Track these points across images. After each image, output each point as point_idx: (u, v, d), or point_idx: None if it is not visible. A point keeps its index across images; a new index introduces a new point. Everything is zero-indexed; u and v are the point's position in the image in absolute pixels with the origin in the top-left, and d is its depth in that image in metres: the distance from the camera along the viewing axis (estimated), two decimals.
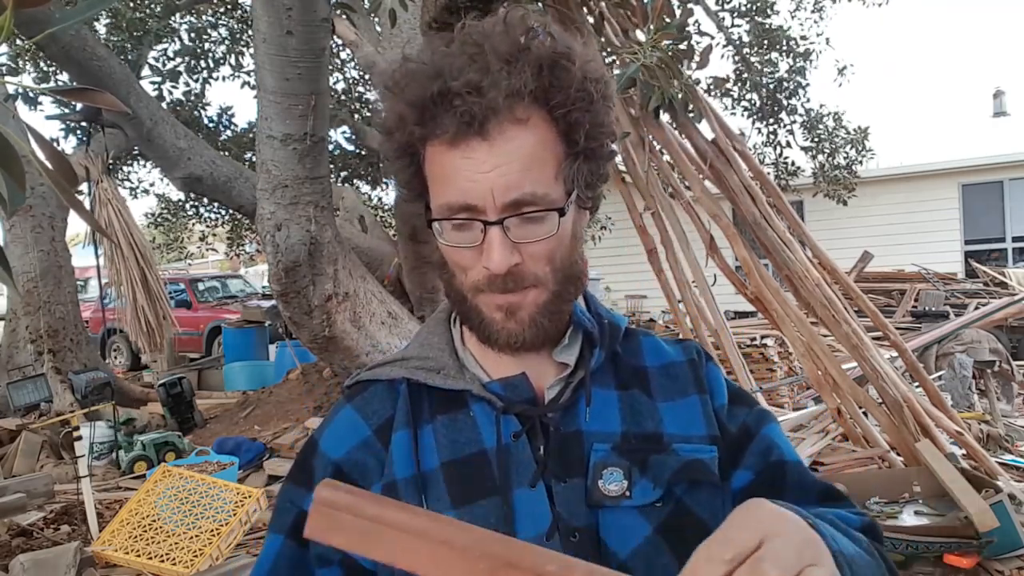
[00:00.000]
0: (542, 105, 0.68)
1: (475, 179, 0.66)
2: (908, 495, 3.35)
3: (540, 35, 0.69)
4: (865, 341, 3.70)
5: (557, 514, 0.70)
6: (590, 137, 0.69)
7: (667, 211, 3.97)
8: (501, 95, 0.65)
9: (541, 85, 0.66)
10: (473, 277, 0.71)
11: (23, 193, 0.79)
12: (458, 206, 0.68)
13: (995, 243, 11.42)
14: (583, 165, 0.71)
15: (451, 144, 0.67)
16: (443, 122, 0.66)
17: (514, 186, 0.66)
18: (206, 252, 13.82)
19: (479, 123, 0.65)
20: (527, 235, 0.68)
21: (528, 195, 0.67)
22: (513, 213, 0.67)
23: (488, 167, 0.66)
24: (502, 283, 0.69)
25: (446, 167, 0.68)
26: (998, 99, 15.41)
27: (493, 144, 0.66)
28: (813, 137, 9.40)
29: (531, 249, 0.69)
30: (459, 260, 0.71)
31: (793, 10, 8.70)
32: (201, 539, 3.36)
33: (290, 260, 3.30)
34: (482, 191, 0.66)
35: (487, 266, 0.68)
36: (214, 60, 7.99)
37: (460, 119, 0.65)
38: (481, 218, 0.67)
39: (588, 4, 3.87)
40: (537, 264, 0.70)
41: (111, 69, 4.37)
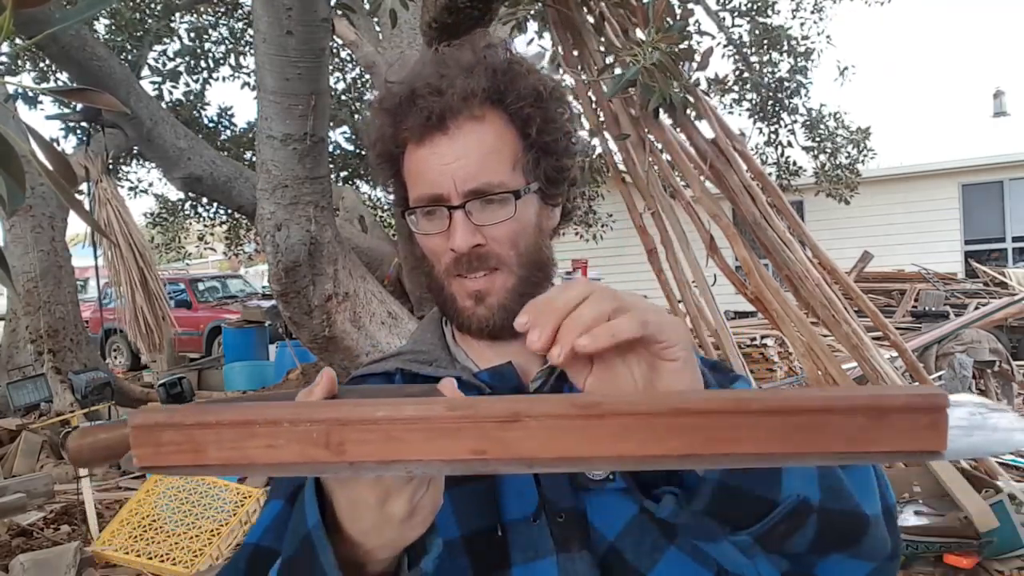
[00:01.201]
0: (497, 104, 0.76)
1: (439, 171, 0.75)
2: (908, 495, 3.35)
3: (498, 49, 0.79)
4: (865, 341, 3.70)
5: (544, 495, 0.73)
6: (543, 131, 0.77)
7: (667, 211, 3.97)
8: (458, 95, 0.74)
9: (495, 86, 0.75)
10: (444, 262, 0.78)
11: (23, 193, 0.79)
12: (427, 197, 0.76)
13: (995, 243, 11.43)
14: (542, 159, 0.78)
15: (418, 143, 0.76)
16: (410, 121, 0.75)
17: (473, 175, 0.74)
18: (205, 252, 13.82)
19: (438, 119, 0.74)
20: (488, 218, 0.75)
21: (485, 184, 0.74)
22: (473, 198, 0.74)
23: (450, 159, 0.74)
24: (467, 263, 0.76)
25: (418, 165, 0.77)
26: (998, 99, 15.41)
27: (453, 139, 0.75)
28: (814, 137, 9.40)
29: (493, 232, 0.76)
30: (432, 248, 0.78)
31: (794, 9, 8.69)
32: (201, 539, 3.36)
33: (290, 260, 3.30)
34: (446, 181, 0.74)
35: (452, 247, 0.75)
36: (214, 60, 7.99)
37: (423, 116, 0.74)
38: (446, 204, 0.75)
39: (588, 4, 3.88)
40: (501, 246, 0.76)
41: (111, 69, 4.37)
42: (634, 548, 0.72)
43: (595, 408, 0.43)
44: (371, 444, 0.44)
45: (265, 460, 0.44)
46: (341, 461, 0.44)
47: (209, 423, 0.45)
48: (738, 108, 9.20)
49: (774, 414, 0.42)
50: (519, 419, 0.43)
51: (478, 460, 0.44)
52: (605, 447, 0.43)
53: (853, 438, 0.41)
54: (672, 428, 0.42)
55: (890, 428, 0.41)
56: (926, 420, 0.41)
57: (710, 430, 0.42)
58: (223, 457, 0.44)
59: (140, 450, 0.45)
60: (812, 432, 0.41)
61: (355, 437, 0.44)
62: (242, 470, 0.45)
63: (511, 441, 0.43)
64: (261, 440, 0.44)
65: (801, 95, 9.01)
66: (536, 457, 0.43)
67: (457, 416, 0.43)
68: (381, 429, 0.44)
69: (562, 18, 3.86)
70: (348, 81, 8.97)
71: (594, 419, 0.43)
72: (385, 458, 0.44)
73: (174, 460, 0.45)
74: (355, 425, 0.44)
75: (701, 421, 0.42)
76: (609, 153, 4.23)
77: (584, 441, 0.43)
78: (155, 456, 0.45)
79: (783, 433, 0.42)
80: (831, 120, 9.28)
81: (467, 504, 0.74)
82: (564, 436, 0.43)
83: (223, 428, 0.44)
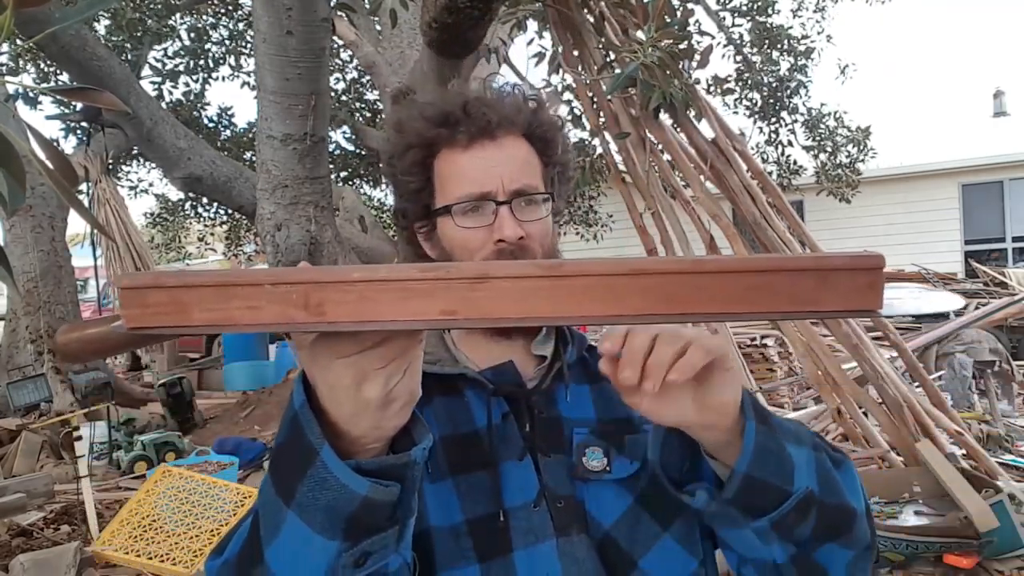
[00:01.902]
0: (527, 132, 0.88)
1: (488, 171, 0.84)
2: (908, 495, 3.35)
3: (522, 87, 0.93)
4: (865, 341, 3.70)
5: (544, 483, 0.80)
6: (562, 154, 0.91)
7: (667, 211, 3.97)
8: (508, 113, 0.86)
9: (530, 112, 0.89)
10: (482, 255, 0.84)
11: (23, 193, 0.79)
12: (475, 195, 0.84)
13: (995, 243, 11.42)
14: (557, 180, 0.92)
15: (465, 148, 0.85)
16: (463, 128, 0.85)
17: (517, 177, 0.85)
18: (205, 252, 13.82)
19: (495, 127, 0.85)
20: (527, 216, 0.85)
21: (527, 185, 0.85)
22: (517, 196, 0.84)
23: (498, 162, 0.85)
24: (510, 254, 0.83)
25: (462, 166, 0.86)
26: (998, 99, 15.41)
27: (501, 146, 0.86)
28: (814, 136, 9.39)
29: (530, 228, 0.85)
30: (470, 243, 0.85)
31: (795, 9, 8.69)
32: (201, 539, 3.36)
33: (290, 260, 3.30)
34: (493, 180, 0.84)
35: (502, 237, 0.82)
36: (214, 60, 7.99)
37: (478, 125, 0.85)
38: (494, 200, 0.84)
39: (588, 4, 3.87)
40: (534, 243, 0.85)
41: (111, 69, 4.37)
42: (628, 536, 0.79)
43: (559, 268, 0.45)
44: (347, 304, 0.45)
45: (247, 320, 0.46)
46: (319, 320, 0.46)
47: (193, 284, 0.46)
48: (739, 108, 9.20)
49: (727, 273, 0.44)
50: (487, 279, 0.45)
51: (449, 319, 0.45)
52: (568, 306, 0.45)
53: (800, 297, 0.44)
54: (631, 288, 0.45)
55: (833, 287, 0.44)
56: (865, 280, 0.45)
57: (667, 289, 0.44)
58: (206, 317, 0.46)
59: (128, 311, 0.47)
60: (763, 291, 0.44)
61: (332, 297, 0.45)
62: (224, 329, 0.47)
63: (479, 301, 0.45)
64: (243, 301, 0.46)
65: (801, 94, 9.01)
66: (503, 316, 0.45)
67: (428, 277, 0.45)
68: (357, 290, 0.45)
69: (562, 18, 3.86)
70: (348, 81, 8.96)
71: (558, 279, 0.45)
72: (361, 318, 0.46)
73: (160, 320, 0.46)
74: (333, 286, 0.45)
75: (659, 281, 0.45)
76: (609, 153, 4.23)
77: (549, 300, 0.45)
78: (142, 317, 0.47)
79: (736, 292, 0.44)
80: (831, 119, 9.28)
81: (470, 491, 0.79)
82: (530, 295, 0.45)
83: (206, 289, 0.46)
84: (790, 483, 0.68)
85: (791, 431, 0.72)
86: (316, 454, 0.56)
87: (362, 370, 0.54)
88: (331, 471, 0.56)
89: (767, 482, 0.68)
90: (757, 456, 0.66)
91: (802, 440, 0.72)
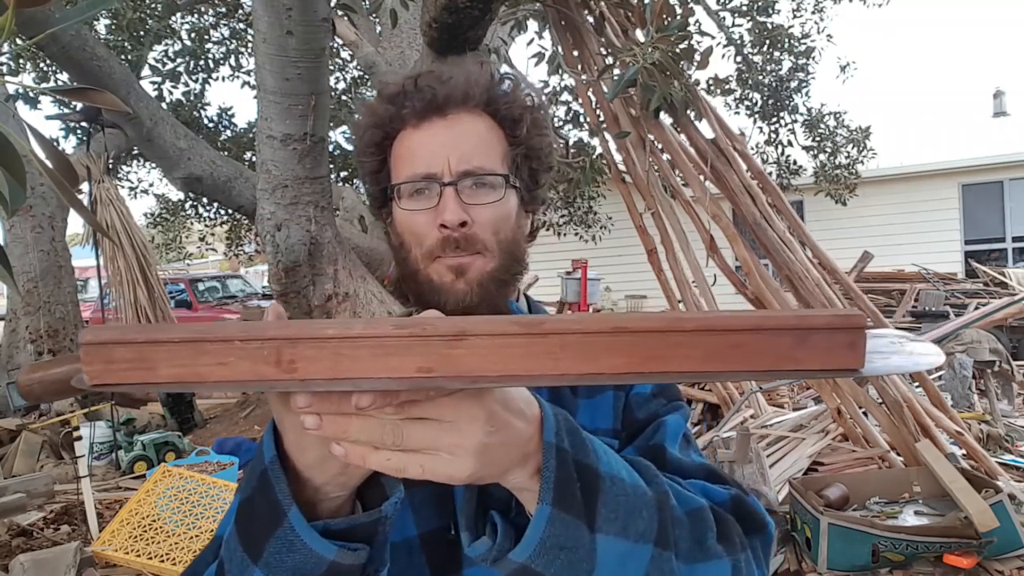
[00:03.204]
0: (491, 108, 0.81)
1: (435, 150, 0.78)
2: (908, 495, 3.35)
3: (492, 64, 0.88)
4: None
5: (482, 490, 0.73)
6: (530, 135, 0.82)
7: (667, 211, 3.97)
8: (460, 89, 0.79)
9: (492, 88, 0.81)
10: (427, 244, 0.78)
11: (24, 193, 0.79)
12: (420, 175, 0.78)
13: (995, 243, 11.42)
14: (524, 162, 0.83)
15: (416, 126, 0.80)
16: (411, 105, 0.79)
17: (467, 157, 0.78)
18: (205, 252, 13.82)
19: (442, 102, 0.79)
20: (477, 199, 0.78)
21: (478, 167, 0.78)
22: (466, 177, 0.78)
23: (445, 140, 0.78)
24: (455, 243, 0.77)
25: (412, 146, 0.80)
26: (998, 99, 15.41)
27: (451, 123, 0.79)
28: (814, 136, 9.39)
29: (479, 213, 0.78)
30: (415, 227, 0.79)
31: (795, 9, 8.69)
32: (201, 539, 3.36)
33: (290, 260, 3.30)
34: (440, 160, 0.77)
35: (442, 220, 0.76)
36: (214, 60, 7.98)
37: (425, 100, 0.79)
38: (437, 181, 0.77)
39: (588, 4, 3.87)
40: (484, 230, 0.78)
41: (111, 69, 4.37)
42: None
43: (537, 326, 0.44)
44: (320, 361, 0.44)
45: (216, 377, 0.45)
46: (291, 379, 0.44)
47: (160, 340, 0.45)
48: (739, 108, 9.19)
49: (707, 332, 0.44)
50: (465, 337, 0.44)
51: (425, 377, 0.44)
52: (547, 364, 0.44)
53: (780, 356, 0.44)
54: (611, 346, 0.44)
55: (814, 347, 0.44)
56: (846, 340, 0.44)
57: (647, 348, 0.44)
58: (174, 374, 0.45)
59: (91, 367, 0.45)
60: (743, 350, 0.44)
61: (305, 354, 0.44)
62: (193, 387, 0.46)
63: (457, 358, 0.44)
64: (212, 357, 0.44)
65: (802, 92, 9.01)
66: (481, 375, 0.44)
67: (404, 334, 0.44)
68: (330, 347, 0.44)
69: (562, 18, 3.86)
70: (348, 81, 8.96)
71: (536, 336, 0.44)
72: (334, 375, 0.44)
73: (125, 377, 0.45)
74: (305, 342, 0.44)
75: (639, 340, 0.44)
76: (609, 153, 4.23)
77: (527, 358, 0.44)
78: (105, 373, 0.45)
79: (715, 351, 0.44)
80: (831, 119, 9.28)
81: (423, 504, 0.75)
82: (508, 353, 0.44)
83: (174, 345, 0.45)
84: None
85: (628, 512, 0.58)
86: (284, 515, 0.55)
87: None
88: (298, 534, 0.55)
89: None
90: (541, 550, 0.55)
91: (639, 531, 0.59)
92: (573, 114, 6.86)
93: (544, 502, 0.54)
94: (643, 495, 0.61)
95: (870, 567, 2.89)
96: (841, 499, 3.23)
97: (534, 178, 0.85)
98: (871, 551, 2.87)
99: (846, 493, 3.27)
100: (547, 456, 0.55)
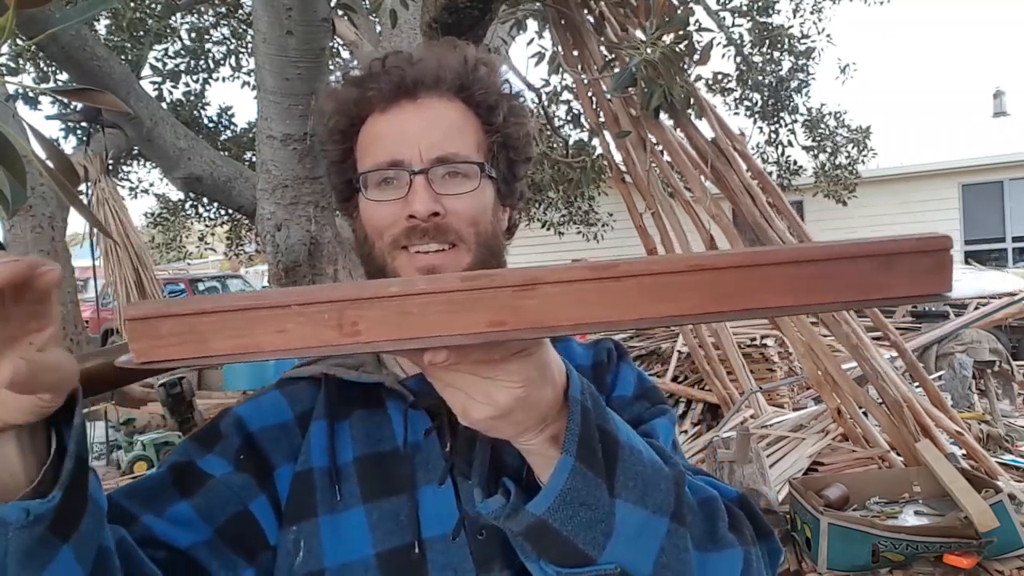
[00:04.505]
0: (464, 93, 0.75)
1: (404, 135, 0.72)
2: (908, 495, 3.35)
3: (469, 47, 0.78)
4: (865, 341, 3.70)
5: (464, 512, 0.69)
6: (506, 122, 0.76)
7: (667, 211, 3.97)
8: (431, 71, 0.73)
9: (465, 72, 0.75)
10: (393, 232, 0.71)
11: (24, 193, 0.79)
12: (387, 162, 0.72)
13: (995, 243, 11.42)
14: (501, 151, 0.76)
15: (383, 110, 0.73)
16: (378, 88, 0.73)
17: (439, 143, 0.71)
18: (205, 252, 13.82)
19: (411, 84, 0.72)
20: (450, 189, 0.72)
21: (451, 154, 0.72)
22: (438, 165, 0.71)
23: (416, 125, 0.72)
24: (423, 232, 0.70)
25: (379, 131, 0.73)
26: (998, 99, 15.41)
27: (421, 108, 0.73)
28: (814, 136, 9.39)
29: (453, 204, 0.71)
30: (380, 219, 0.73)
31: (794, 9, 8.69)
32: None
33: (290, 260, 3.30)
34: (409, 146, 0.71)
35: (410, 212, 0.69)
36: (214, 60, 7.99)
37: (393, 82, 0.72)
38: (408, 169, 0.71)
39: (588, 4, 3.88)
40: (460, 221, 0.71)
41: (111, 69, 4.37)
42: None
43: (612, 270, 0.42)
44: (385, 322, 0.42)
45: (275, 346, 0.42)
46: (355, 341, 0.42)
47: (212, 310, 0.42)
48: (739, 108, 9.19)
49: (789, 264, 0.42)
50: (536, 285, 0.42)
51: (496, 331, 0.42)
52: (624, 308, 0.42)
53: (866, 284, 0.42)
54: (688, 285, 0.42)
55: (898, 272, 0.42)
56: (931, 262, 0.42)
57: (726, 285, 0.42)
58: (229, 346, 0.42)
59: (138, 344, 0.42)
60: (827, 280, 0.42)
61: (368, 315, 0.42)
62: (249, 357, 0.42)
63: (529, 309, 0.42)
64: (269, 325, 0.42)
65: (802, 93, 9.01)
66: (556, 323, 0.42)
67: (472, 287, 0.42)
68: (395, 305, 0.42)
69: (562, 17, 3.87)
70: None
71: (611, 280, 0.42)
72: (401, 335, 0.42)
73: (176, 352, 0.42)
74: (367, 302, 0.42)
75: (716, 277, 0.42)
76: (609, 153, 4.23)
77: (603, 304, 0.42)
78: (154, 349, 0.42)
79: (796, 283, 0.42)
80: (831, 119, 9.28)
81: (383, 520, 0.70)
82: (582, 300, 0.42)
83: (227, 315, 0.42)
84: (597, 549, 0.55)
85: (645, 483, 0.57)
86: None
87: None
88: None
89: (563, 537, 0.54)
90: (561, 503, 0.53)
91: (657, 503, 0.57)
92: (573, 114, 6.86)
93: (568, 453, 0.53)
94: (660, 469, 0.59)
95: (870, 567, 2.89)
96: (841, 499, 3.23)
97: (512, 169, 0.79)
98: (871, 551, 2.86)
99: (846, 493, 3.27)
100: (572, 410, 0.53)
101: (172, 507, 0.67)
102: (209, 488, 0.69)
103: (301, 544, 0.69)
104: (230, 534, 0.68)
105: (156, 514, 0.66)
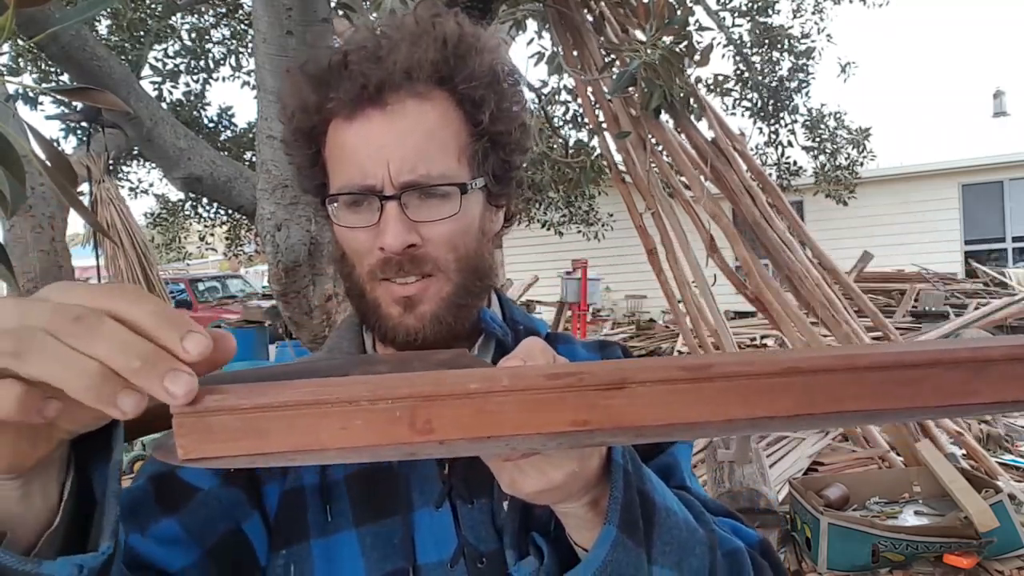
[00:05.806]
0: (444, 83, 0.65)
1: (372, 153, 0.63)
2: (908, 495, 3.35)
3: (449, 18, 0.66)
4: (865, 341, 3.70)
5: (463, 539, 0.65)
6: (495, 119, 0.66)
7: (667, 211, 3.97)
8: (400, 66, 0.62)
9: (443, 60, 0.64)
10: (370, 262, 0.66)
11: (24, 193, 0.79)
12: (355, 185, 0.64)
13: (995, 243, 11.43)
14: (491, 152, 0.67)
15: (348, 117, 0.64)
16: (341, 90, 0.63)
17: (411, 163, 0.63)
18: (205, 252, 13.83)
19: (375, 89, 0.62)
20: (426, 214, 0.64)
21: (424, 176, 0.63)
22: (410, 189, 0.63)
23: (385, 140, 0.63)
24: (398, 266, 0.64)
25: (345, 145, 0.65)
26: (998, 99, 15.42)
27: (391, 116, 0.63)
28: (814, 137, 9.40)
29: (430, 231, 0.64)
30: (355, 245, 0.67)
31: (795, 10, 8.69)
32: None
33: (290, 260, 3.30)
34: (378, 166, 0.63)
35: (382, 245, 0.63)
36: (214, 60, 7.99)
37: (357, 85, 0.62)
38: (377, 194, 0.63)
39: (588, 4, 3.88)
40: (438, 249, 0.65)
41: (111, 69, 4.37)
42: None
43: (705, 370, 0.40)
44: (463, 420, 0.40)
45: (339, 444, 0.39)
46: (427, 440, 0.39)
47: (270, 405, 0.39)
48: (739, 108, 9.20)
49: (881, 370, 0.41)
50: (625, 385, 0.40)
51: (582, 432, 0.40)
52: (714, 410, 0.40)
53: (955, 391, 0.41)
54: (781, 387, 0.40)
55: (991, 379, 0.41)
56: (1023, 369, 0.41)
57: (818, 388, 0.41)
58: (289, 443, 0.39)
59: (186, 440, 0.39)
60: (916, 386, 0.41)
61: (444, 413, 0.39)
62: (312, 457, 0.40)
63: (616, 409, 0.40)
64: (334, 421, 0.39)
65: (802, 93, 9.01)
66: (644, 425, 0.40)
67: (557, 385, 0.40)
68: (473, 403, 0.39)
69: (562, 18, 3.87)
70: None
71: (703, 382, 0.40)
72: (479, 434, 0.40)
73: (228, 450, 0.39)
74: (443, 400, 0.39)
75: (810, 380, 0.40)
76: (609, 153, 4.23)
77: (693, 405, 0.40)
78: (203, 446, 0.39)
79: (886, 388, 0.41)
80: (831, 120, 9.28)
81: (376, 544, 0.65)
82: (672, 401, 0.40)
83: (287, 410, 0.39)
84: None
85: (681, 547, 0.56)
86: None
87: None
88: None
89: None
90: (600, 574, 0.52)
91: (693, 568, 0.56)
92: (573, 114, 6.86)
93: (611, 524, 0.51)
94: (695, 531, 0.57)
95: (870, 567, 2.89)
96: (841, 499, 3.23)
97: (504, 166, 0.70)
98: (871, 551, 2.87)
99: (846, 493, 3.27)
100: (615, 476, 0.51)
101: (156, 525, 0.62)
102: (197, 503, 0.64)
103: (291, 569, 0.65)
104: (222, 556, 0.64)
105: (140, 533, 0.61)
